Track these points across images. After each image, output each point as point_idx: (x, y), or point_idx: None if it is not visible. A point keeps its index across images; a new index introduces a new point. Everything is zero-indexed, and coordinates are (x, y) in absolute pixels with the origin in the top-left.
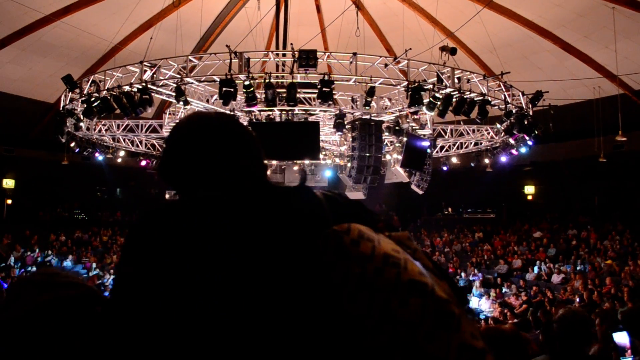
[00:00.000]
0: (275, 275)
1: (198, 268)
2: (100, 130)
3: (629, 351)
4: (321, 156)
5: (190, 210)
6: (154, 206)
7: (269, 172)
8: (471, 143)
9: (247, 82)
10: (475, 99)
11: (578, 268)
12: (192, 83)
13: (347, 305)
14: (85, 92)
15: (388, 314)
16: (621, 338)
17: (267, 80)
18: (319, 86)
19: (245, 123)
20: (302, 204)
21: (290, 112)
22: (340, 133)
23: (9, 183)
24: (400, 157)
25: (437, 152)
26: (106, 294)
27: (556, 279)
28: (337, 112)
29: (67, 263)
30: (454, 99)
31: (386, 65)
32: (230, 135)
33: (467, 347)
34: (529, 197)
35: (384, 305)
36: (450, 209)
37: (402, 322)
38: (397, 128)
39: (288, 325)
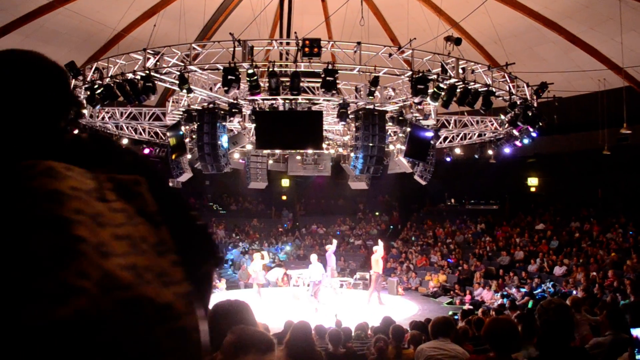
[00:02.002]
0: None
1: None
2: (103, 118)
3: None
4: (324, 146)
5: None
6: None
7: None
8: (475, 134)
9: (250, 71)
10: (480, 89)
11: (580, 260)
12: (195, 71)
13: None
14: (88, 79)
15: (19, 246)
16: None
17: (270, 69)
18: (322, 75)
19: (248, 112)
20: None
21: (293, 101)
22: (343, 123)
23: None
24: (403, 147)
25: (440, 142)
26: None
27: (558, 271)
28: (341, 101)
29: None
30: (458, 90)
31: (390, 55)
32: (34, 71)
33: (68, 286)
34: (532, 189)
35: (18, 237)
36: (453, 200)
37: (28, 253)
38: (400, 118)
39: None
